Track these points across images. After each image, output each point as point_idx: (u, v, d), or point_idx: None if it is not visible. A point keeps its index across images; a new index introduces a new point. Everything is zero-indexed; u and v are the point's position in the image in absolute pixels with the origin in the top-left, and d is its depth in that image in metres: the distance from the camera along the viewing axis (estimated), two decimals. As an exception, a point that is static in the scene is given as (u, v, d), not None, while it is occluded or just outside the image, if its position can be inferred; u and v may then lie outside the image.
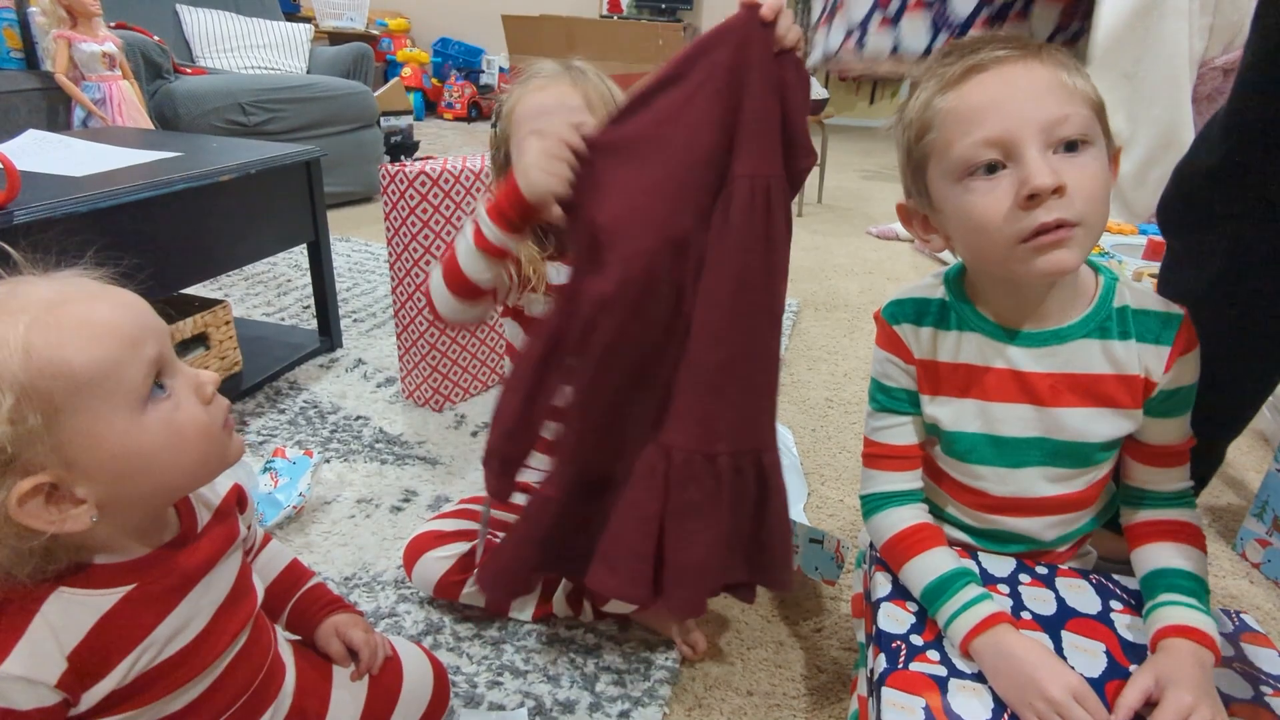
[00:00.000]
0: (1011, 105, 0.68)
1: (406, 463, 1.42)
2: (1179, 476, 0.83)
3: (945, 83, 0.72)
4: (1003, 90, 0.69)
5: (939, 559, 0.79)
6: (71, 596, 0.55)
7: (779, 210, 0.81)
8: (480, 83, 6.07)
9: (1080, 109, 0.68)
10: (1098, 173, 0.69)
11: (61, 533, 0.52)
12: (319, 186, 1.75)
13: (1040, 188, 0.66)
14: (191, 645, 0.61)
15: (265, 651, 0.70)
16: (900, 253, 3.10)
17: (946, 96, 0.71)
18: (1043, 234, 0.68)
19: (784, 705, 0.96)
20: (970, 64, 0.70)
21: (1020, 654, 0.70)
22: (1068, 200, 0.67)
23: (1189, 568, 0.78)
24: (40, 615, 0.53)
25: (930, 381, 0.83)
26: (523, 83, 0.99)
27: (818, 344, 2.12)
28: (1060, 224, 0.68)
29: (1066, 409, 0.78)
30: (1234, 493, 1.50)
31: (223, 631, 0.64)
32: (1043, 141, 0.68)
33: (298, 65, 3.40)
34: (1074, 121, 0.68)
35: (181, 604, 0.61)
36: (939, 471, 0.87)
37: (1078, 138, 0.68)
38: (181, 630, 0.60)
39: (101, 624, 0.56)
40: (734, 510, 0.86)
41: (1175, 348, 0.77)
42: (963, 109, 0.70)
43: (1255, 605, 1.19)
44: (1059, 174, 0.66)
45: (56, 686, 0.53)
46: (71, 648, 0.54)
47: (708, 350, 0.82)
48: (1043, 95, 0.68)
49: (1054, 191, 0.66)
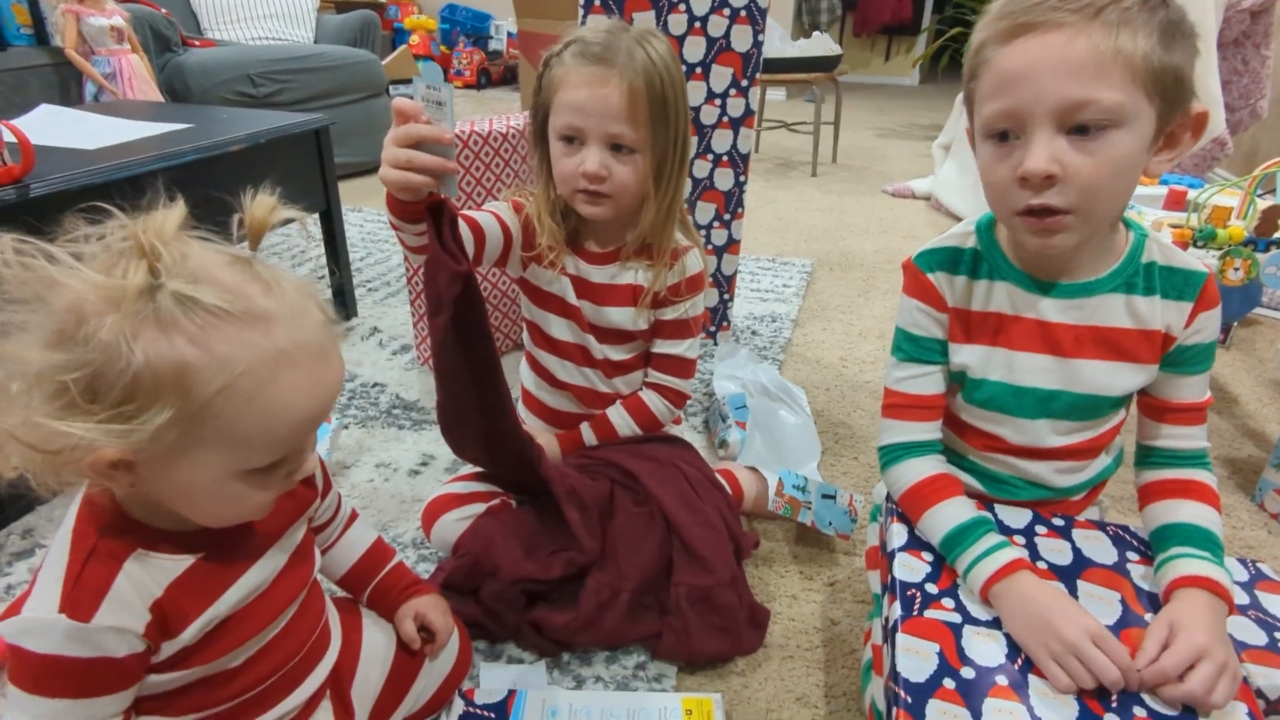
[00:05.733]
0: (1035, 81, 0.67)
1: (423, 428, 1.44)
2: (1197, 436, 0.83)
3: (998, 34, 0.70)
4: (1034, 62, 0.67)
5: (958, 508, 0.80)
6: (150, 559, 0.57)
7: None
8: (489, 49, 6.01)
9: (1113, 92, 0.65)
10: (1109, 160, 0.67)
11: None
12: (329, 155, 1.75)
13: (1030, 172, 0.67)
14: (254, 604, 0.63)
15: (319, 614, 0.72)
16: (916, 211, 3.06)
17: (994, 51, 0.70)
18: (1032, 215, 0.70)
19: (798, 656, 0.97)
20: (1023, 21, 0.68)
21: (1040, 598, 0.71)
22: (1061, 188, 0.68)
23: (1203, 524, 0.78)
24: (123, 573, 0.56)
25: (962, 329, 0.83)
26: (575, 55, 0.94)
27: (832, 304, 2.10)
28: (1047, 209, 0.69)
29: (1087, 360, 0.79)
30: (1253, 444, 1.49)
31: (283, 593, 0.66)
32: (1055, 124, 0.67)
33: (305, 34, 3.38)
34: (1096, 106, 0.65)
35: (251, 569, 0.63)
36: (958, 421, 0.88)
37: (1093, 123, 0.66)
38: (250, 593, 0.63)
39: (179, 582, 0.58)
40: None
41: (1198, 305, 0.78)
42: (997, 72, 0.70)
43: (1274, 555, 1.19)
44: (1058, 160, 0.67)
45: (143, 636, 0.56)
46: (153, 600, 0.57)
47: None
48: (1071, 74, 0.65)
49: (1046, 178, 0.67)
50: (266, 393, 0.51)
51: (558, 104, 0.95)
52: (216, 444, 0.52)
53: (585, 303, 1.06)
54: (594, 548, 0.97)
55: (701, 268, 1.09)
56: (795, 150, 4.03)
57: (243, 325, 0.50)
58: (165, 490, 0.55)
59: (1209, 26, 2.16)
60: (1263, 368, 1.80)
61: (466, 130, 1.48)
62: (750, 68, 1.51)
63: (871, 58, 7.08)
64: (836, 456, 1.41)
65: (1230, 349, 1.90)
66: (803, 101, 5.74)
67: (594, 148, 0.95)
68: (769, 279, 2.24)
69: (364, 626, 0.80)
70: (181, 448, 0.51)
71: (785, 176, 3.57)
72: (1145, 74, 0.66)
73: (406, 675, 0.81)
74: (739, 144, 1.59)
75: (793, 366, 1.75)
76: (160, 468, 0.52)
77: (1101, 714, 0.65)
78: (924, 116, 5.22)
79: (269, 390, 0.51)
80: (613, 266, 1.06)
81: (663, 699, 0.88)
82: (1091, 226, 0.72)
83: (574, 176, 0.96)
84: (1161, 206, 1.57)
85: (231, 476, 0.54)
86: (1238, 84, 2.41)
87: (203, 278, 0.51)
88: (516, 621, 0.95)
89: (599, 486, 1.00)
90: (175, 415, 0.49)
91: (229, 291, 0.51)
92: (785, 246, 2.58)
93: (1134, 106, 0.66)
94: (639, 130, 0.94)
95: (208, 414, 0.50)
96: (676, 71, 0.97)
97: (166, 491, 0.55)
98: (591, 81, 0.92)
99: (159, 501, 0.56)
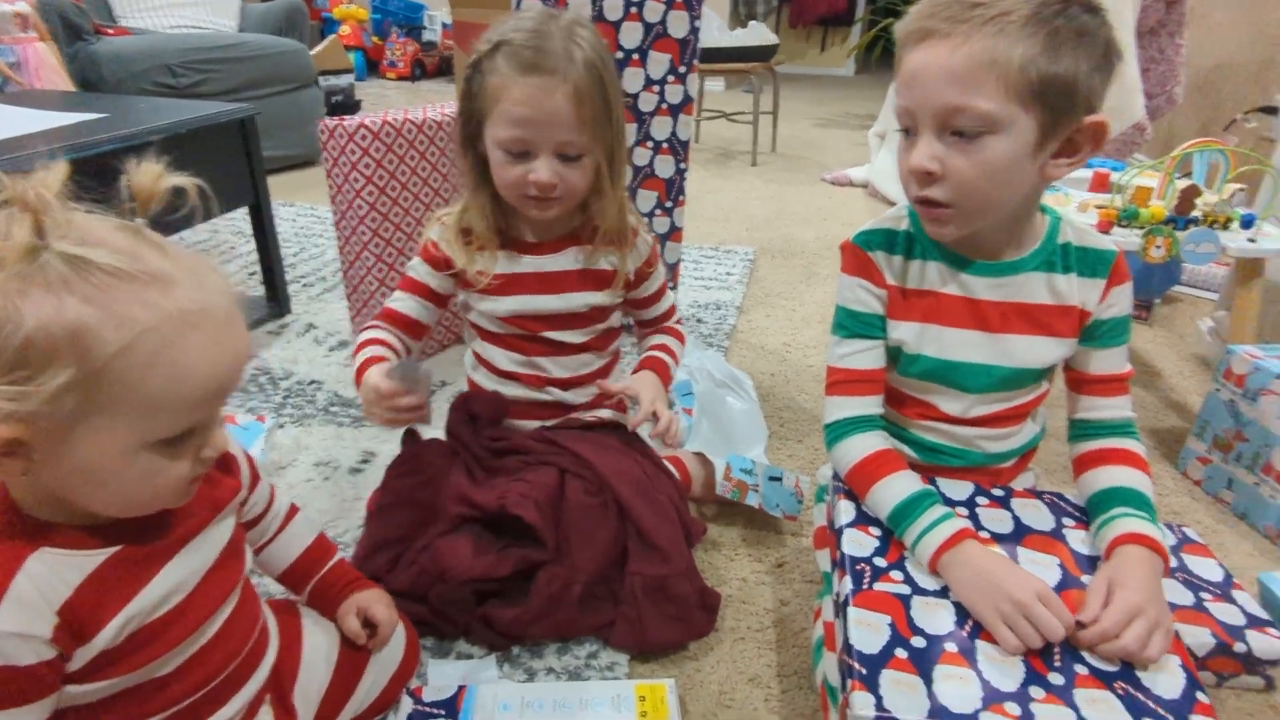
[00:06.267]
0: (923, 86, 0.73)
1: (364, 424, 1.40)
2: (1121, 406, 0.88)
3: (908, 35, 0.75)
4: (924, 67, 0.72)
5: (904, 482, 0.82)
6: (55, 556, 0.53)
7: None
8: (423, 40, 5.88)
9: (985, 101, 0.70)
10: (984, 162, 0.73)
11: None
12: (256, 146, 1.69)
13: (913, 168, 0.75)
14: (181, 606, 0.59)
15: (255, 617, 0.69)
16: (854, 198, 3.11)
17: (904, 51, 0.76)
18: (921, 204, 0.78)
19: (749, 638, 0.97)
20: (925, 26, 0.73)
21: (988, 564, 0.73)
22: (941, 184, 0.75)
23: (1136, 487, 0.82)
24: (22, 573, 0.52)
25: (898, 306, 0.87)
26: (511, 63, 0.89)
27: (775, 290, 2.12)
28: (930, 201, 0.76)
29: (1013, 335, 0.84)
30: (1176, 415, 1.55)
31: (212, 594, 0.62)
32: (937, 126, 0.73)
33: (228, 23, 3.25)
34: (970, 113, 0.71)
35: (170, 565, 0.59)
36: (896, 394, 0.91)
37: (968, 129, 0.72)
38: (173, 592, 0.59)
39: (89, 581, 0.54)
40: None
41: (1110, 281, 0.84)
42: (903, 72, 0.76)
43: (1197, 520, 1.24)
44: (938, 159, 0.74)
45: (51, 642, 0.52)
46: (61, 603, 0.53)
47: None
48: (950, 82, 0.71)
49: (927, 174, 0.74)
50: (170, 354, 0.49)
51: (498, 116, 0.91)
52: (120, 410, 0.49)
53: (538, 296, 1.04)
54: (553, 543, 0.95)
55: (653, 235, 1.12)
56: (735, 140, 4.06)
57: (141, 285, 0.48)
58: (66, 475, 0.51)
59: (1127, 18, 2.24)
60: (1184, 343, 1.88)
61: (400, 119, 1.44)
62: (688, 54, 1.51)
63: (808, 49, 7.17)
64: (783, 440, 1.42)
65: (1153, 326, 1.98)
66: (741, 92, 5.77)
67: (544, 158, 0.92)
68: (713, 267, 2.25)
69: (304, 627, 0.77)
70: (81, 415, 0.48)
71: (726, 166, 3.59)
72: (1022, 84, 0.70)
73: (351, 674, 0.79)
74: (678, 131, 1.58)
75: (738, 353, 1.75)
76: (59, 444, 0.49)
77: (1046, 673, 0.67)
78: (860, 106, 5.31)
79: (172, 351, 0.49)
80: (569, 254, 1.04)
81: (616, 687, 0.87)
82: (971, 221, 0.78)
83: (522, 185, 0.94)
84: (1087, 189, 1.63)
85: (138, 447, 0.51)
86: (1155, 72, 2.51)
87: (92, 240, 0.48)
88: (466, 620, 0.93)
89: (547, 476, 0.98)
90: (73, 378, 0.46)
91: (122, 253, 0.48)
92: (728, 235, 2.59)
93: (1008, 115, 0.71)
94: (586, 134, 0.92)
95: (108, 376, 0.47)
96: (610, 60, 0.95)
97: (67, 477, 0.51)
98: (535, 94, 0.89)
99: (57, 492, 0.53)
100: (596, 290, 1.05)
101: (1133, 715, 0.64)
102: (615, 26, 1.45)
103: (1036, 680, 0.67)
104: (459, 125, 0.98)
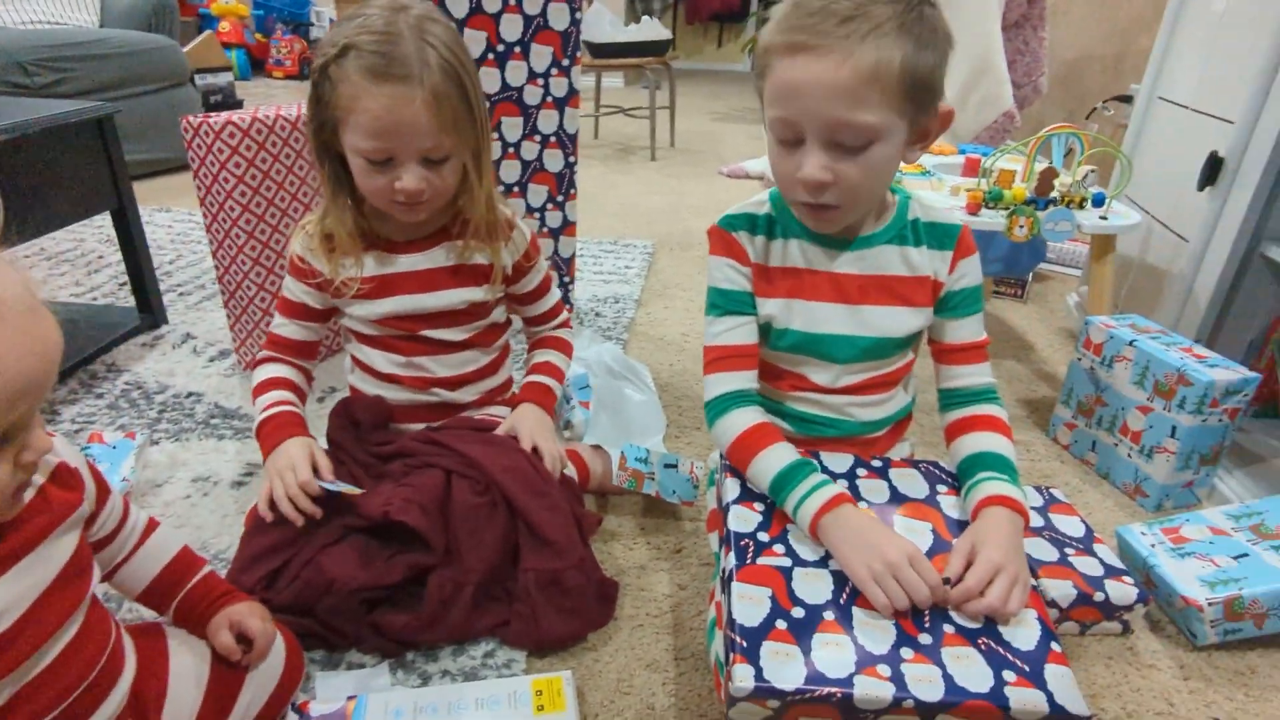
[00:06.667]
0: (807, 100, 0.75)
1: (247, 435, 1.34)
2: (982, 373, 0.93)
3: (781, 46, 0.76)
4: (807, 82, 0.74)
5: (782, 453, 0.84)
6: None
7: None
8: (310, 37, 5.67)
9: (870, 114, 0.74)
10: (871, 165, 0.77)
11: None
12: (116, 148, 1.58)
13: (807, 180, 0.78)
14: (12, 630, 0.55)
15: (102, 642, 0.64)
16: (750, 190, 3.17)
17: (777, 60, 0.76)
18: (808, 207, 0.82)
19: (647, 625, 0.98)
20: (800, 40, 0.74)
21: (863, 526, 0.77)
22: (833, 189, 0.78)
23: (998, 450, 0.87)
24: None
25: (763, 283, 0.90)
26: (363, 71, 0.85)
27: (673, 282, 2.14)
28: (821, 206, 0.81)
29: (872, 306, 0.89)
30: (1048, 386, 1.65)
31: (48, 617, 0.58)
32: (825, 138, 0.76)
33: (88, 18, 3.04)
34: (854, 129, 0.74)
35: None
36: (769, 368, 0.95)
37: (855, 143, 0.76)
38: (6, 610, 0.54)
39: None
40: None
41: (957, 253, 0.90)
42: (779, 81, 0.77)
43: (1065, 481, 1.32)
44: (830, 169, 0.77)
45: None
46: None
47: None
48: (836, 99, 0.73)
49: (820, 185, 0.78)
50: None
51: (354, 126, 0.88)
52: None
53: (414, 296, 1.01)
54: (441, 546, 0.93)
55: (531, 229, 1.10)
56: (634, 136, 4.08)
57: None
58: None
59: (994, 10, 2.36)
60: (1055, 317, 2.01)
61: (272, 115, 1.38)
62: (570, 46, 1.50)
63: (705, 44, 7.26)
64: (681, 429, 1.43)
65: (1028, 302, 2.10)
66: (641, 88, 5.80)
67: (408, 166, 0.90)
68: (611, 261, 2.25)
69: (170, 648, 0.73)
70: None
71: (625, 161, 3.60)
72: (899, 88, 0.74)
73: (227, 693, 0.75)
74: (565, 124, 1.57)
75: (637, 345, 1.76)
76: None
77: (916, 634, 0.70)
78: (755, 101, 5.32)
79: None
80: (440, 250, 1.02)
81: (512, 683, 0.86)
82: (858, 212, 0.85)
83: (389, 193, 0.91)
84: (960, 174, 1.71)
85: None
86: (1021, 63, 2.66)
87: None
88: (356, 630, 0.90)
89: (432, 479, 0.96)
90: None
91: None
92: (627, 229, 2.60)
93: (889, 124, 0.75)
94: (449, 136, 0.90)
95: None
96: (464, 52, 0.92)
97: None
98: (392, 104, 0.85)
99: None
100: (474, 286, 1.03)
101: (993, 668, 0.68)
102: (494, 19, 1.43)
103: (907, 641, 0.70)
104: (310, 132, 0.94)
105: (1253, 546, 1.00)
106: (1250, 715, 0.89)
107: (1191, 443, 1.19)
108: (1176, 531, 1.07)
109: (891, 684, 0.66)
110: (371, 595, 0.91)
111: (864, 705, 0.66)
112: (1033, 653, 0.69)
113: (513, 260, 1.07)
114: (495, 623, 0.94)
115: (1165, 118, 1.66)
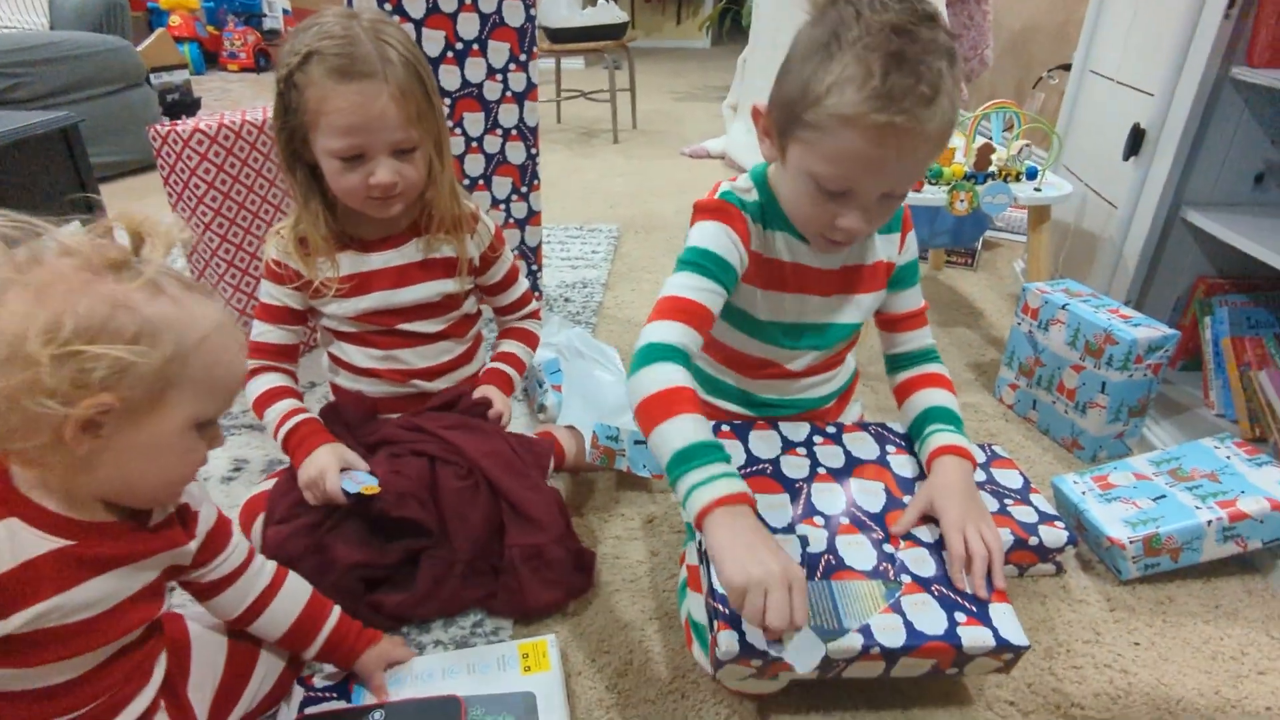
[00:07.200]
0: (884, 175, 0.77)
1: (233, 433, 1.39)
2: (924, 335, 1.02)
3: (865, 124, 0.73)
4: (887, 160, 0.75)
5: (694, 426, 0.76)
6: (20, 531, 0.59)
7: None
8: (264, 28, 5.58)
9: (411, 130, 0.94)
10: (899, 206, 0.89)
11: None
12: (83, 155, 1.61)
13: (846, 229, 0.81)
14: (94, 620, 0.63)
15: (147, 656, 0.72)
16: (713, 170, 3.23)
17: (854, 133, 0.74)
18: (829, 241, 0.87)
19: (623, 589, 1.06)
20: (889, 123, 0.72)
21: (759, 536, 0.71)
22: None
23: (945, 405, 0.96)
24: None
25: (754, 271, 0.93)
26: (328, 73, 0.90)
27: (639, 265, 2.20)
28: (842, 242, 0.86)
29: (843, 295, 0.96)
30: (995, 350, 1.74)
31: (122, 621, 0.66)
32: (879, 195, 0.79)
33: (37, 20, 3.00)
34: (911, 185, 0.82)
35: (100, 578, 0.63)
36: (738, 356, 1.00)
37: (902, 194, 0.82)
38: (93, 603, 0.62)
39: (35, 563, 0.59)
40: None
41: (902, 232, 0.98)
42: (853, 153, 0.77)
43: (1009, 439, 1.42)
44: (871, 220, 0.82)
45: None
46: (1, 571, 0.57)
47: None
48: (913, 172, 0.79)
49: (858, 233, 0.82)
50: (225, 350, 0.64)
51: (325, 127, 0.93)
52: (188, 390, 0.61)
53: (392, 291, 1.07)
54: (436, 530, 1.00)
55: (495, 222, 1.16)
56: (597, 119, 4.10)
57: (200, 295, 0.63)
58: (125, 453, 0.60)
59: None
60: (1003, 284, 2.10)
61: (238, 120, 1.42)
62: (526, 41, 1.55)
63: (664, 22, 7.26)
64: (650, 406, 1.50)
65: (977, 270, 2.20)
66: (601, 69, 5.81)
67: (381, 160, 0.95)
68: (578, 246, 2.31)
69: (189, 627, 0.80)
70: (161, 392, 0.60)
71: (588, 145, 3.64)
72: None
73: (244, 668, 0.82)
74: (525, 117, 1.62)
75: (606, 328, 1.83)
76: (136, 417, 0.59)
77: (897, 545, 0.83)
78: (716, 78, 5.44)
79: (227, 349, 0.64)
80: (411, 246, 1.08)
81: (500, 648, 0.93)
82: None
83: (363, 188, 0.97)
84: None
85: (188, 426, 0.62)
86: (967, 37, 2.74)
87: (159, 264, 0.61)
88: (355, 607, 0.97)
89: (418, 467, 1.02)
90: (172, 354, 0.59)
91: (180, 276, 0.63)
92: (592, 213, 2.65)
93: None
94: (416, 128, 0.96)
95: (190, 361, 0.60)
96: (419, 50, 0.99)
97: (126, 455, 0.60)
98: (361, 100, 0.91)
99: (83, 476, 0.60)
100: (445, 278, 1.09)
101: (946, 610, 0.77)
102: (452, 18, 1.48)
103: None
104: (279, 142, 0.98)
105: (1170, 489, 1.10)
106: (1167, 639, 0.99)
107: (1120, 397, 1.28)
108: (1105, 479, 1.17)
109: (860, 635, 0.74)
110: (370, 574, 0.98)
111: (837, 655, 0.74)
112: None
113: (479, 251, 1.12)
114: (483, 596, 1.01)
115: (1095, 90, 1.75)
